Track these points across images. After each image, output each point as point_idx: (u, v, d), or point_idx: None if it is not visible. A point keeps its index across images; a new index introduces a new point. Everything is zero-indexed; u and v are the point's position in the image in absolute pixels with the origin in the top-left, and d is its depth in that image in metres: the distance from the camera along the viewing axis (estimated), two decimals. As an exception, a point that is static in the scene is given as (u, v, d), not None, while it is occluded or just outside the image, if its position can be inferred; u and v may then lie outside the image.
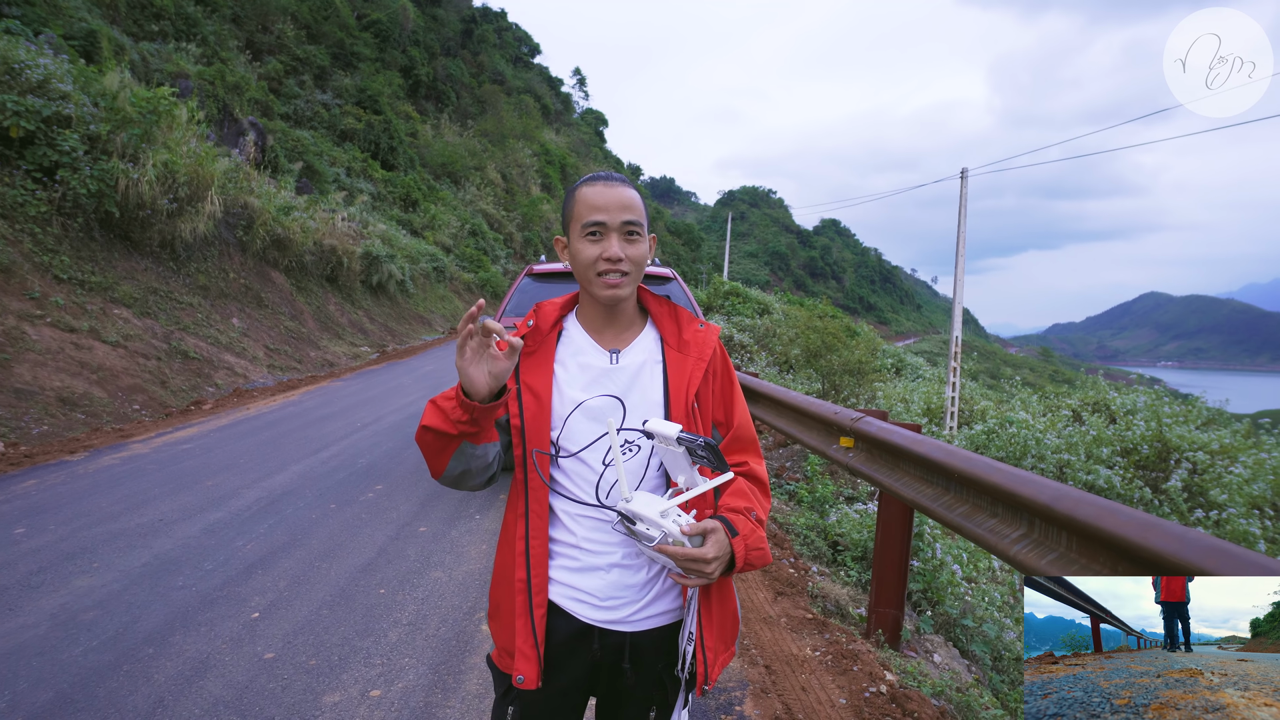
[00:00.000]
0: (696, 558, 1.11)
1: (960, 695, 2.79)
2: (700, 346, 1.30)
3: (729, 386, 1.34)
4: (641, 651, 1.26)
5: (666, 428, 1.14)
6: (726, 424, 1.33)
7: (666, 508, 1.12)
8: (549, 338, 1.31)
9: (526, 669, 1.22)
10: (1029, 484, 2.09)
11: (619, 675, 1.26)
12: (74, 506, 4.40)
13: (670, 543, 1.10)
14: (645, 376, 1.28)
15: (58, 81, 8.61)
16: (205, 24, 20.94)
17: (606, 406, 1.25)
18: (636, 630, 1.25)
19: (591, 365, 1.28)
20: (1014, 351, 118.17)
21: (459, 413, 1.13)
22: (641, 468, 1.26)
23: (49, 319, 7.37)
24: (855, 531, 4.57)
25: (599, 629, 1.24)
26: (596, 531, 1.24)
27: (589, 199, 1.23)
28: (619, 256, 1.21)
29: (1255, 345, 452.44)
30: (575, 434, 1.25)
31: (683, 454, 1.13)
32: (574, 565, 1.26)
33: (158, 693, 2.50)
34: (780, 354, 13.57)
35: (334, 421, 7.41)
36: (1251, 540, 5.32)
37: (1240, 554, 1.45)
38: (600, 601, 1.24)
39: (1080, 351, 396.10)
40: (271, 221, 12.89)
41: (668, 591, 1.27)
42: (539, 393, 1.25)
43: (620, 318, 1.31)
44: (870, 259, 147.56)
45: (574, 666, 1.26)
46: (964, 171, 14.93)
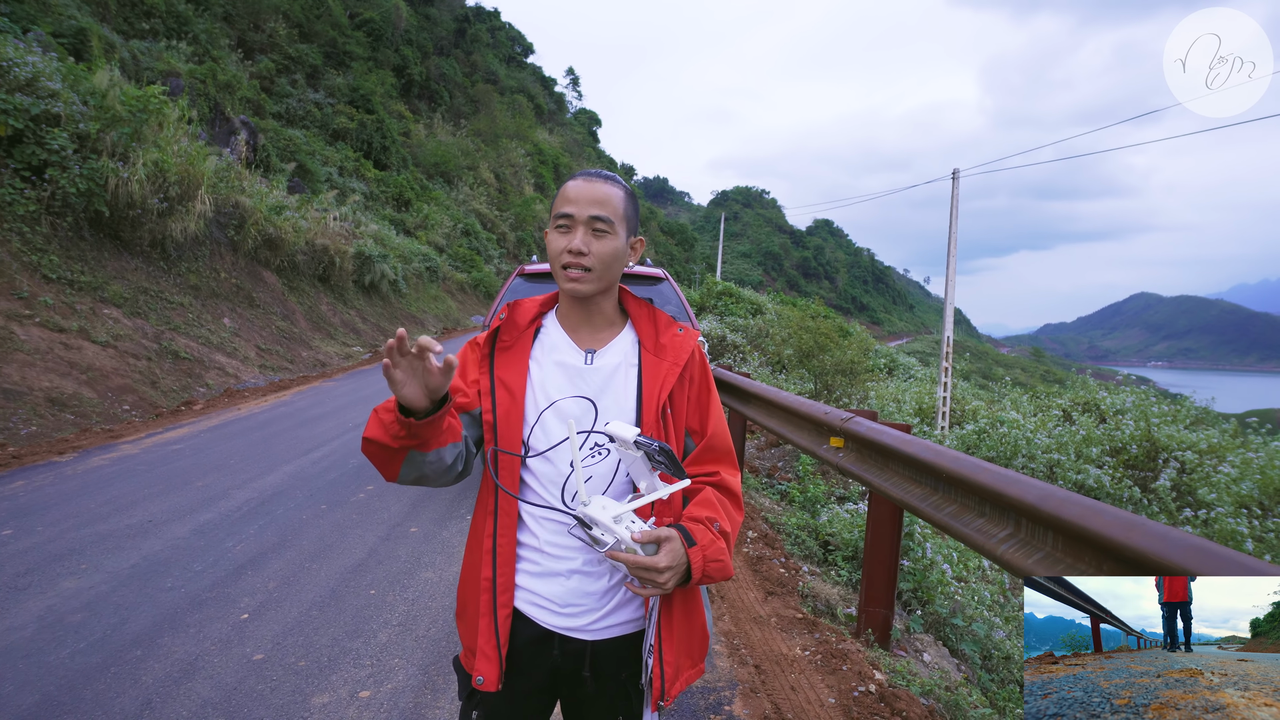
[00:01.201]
0: (648, 566, 1.07)
1: (949, 694, 2.81)
2: (677, 351, 1.27)
3: (705, 394, 1.31)
4: (602, 660, 1.23)
5: (625, 430, 1.11)
6: (700, 432, 1.30)
7: (621, 513, 1.09)
8: (525, 334, 1.28)
9: (487, 670, 1.19)
10: (1015, 484, 2.10)
11: (580, 683, 1.24)
12: (62, 508, 4.37)
13: (623, 549, 1.07)
14: (619, 379, 1.25)
15: (46, 79, 8.54)
16: (196, 22, 20.81)
17: (578, 408, 1.22)
18: (597, 639, 1.22)
19: (566, 364, 1.26)
20: (1006, 351, 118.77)
21: (396, 428, 1.08)
22: (610, 472, 1.23)
23: (38, 319, 7.32)
24: (846, 531, 4.59)
25: (559, 635, 1.22)
26: (559, 535, 1.22)
27: (566, 191, 1.22)
28: (580, 250, 1.18)
29: (1244, 345, 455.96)
30: (545, 434, 1.22)
31: (642, 458, 1.10)
32: (535, 570, 1.23)
33: (145, 695, 2.49)
34: (773, 354, 13.61)
35: (325, 422, 7.39)
36: (1239, 539, 5.36)
37: (1222, 553, 1.46)
38: (559, 608, 1.22)
39: (1071, 351, 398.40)
40: (263, 221, 12.83)
41: (630, 601, 1.24)
42: (513, 390, 1.23)
43: (597, 317, 1.29)
44: (863, 259, 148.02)
45: (535, 671, 1.24)
46: (955, 172, 15.00)
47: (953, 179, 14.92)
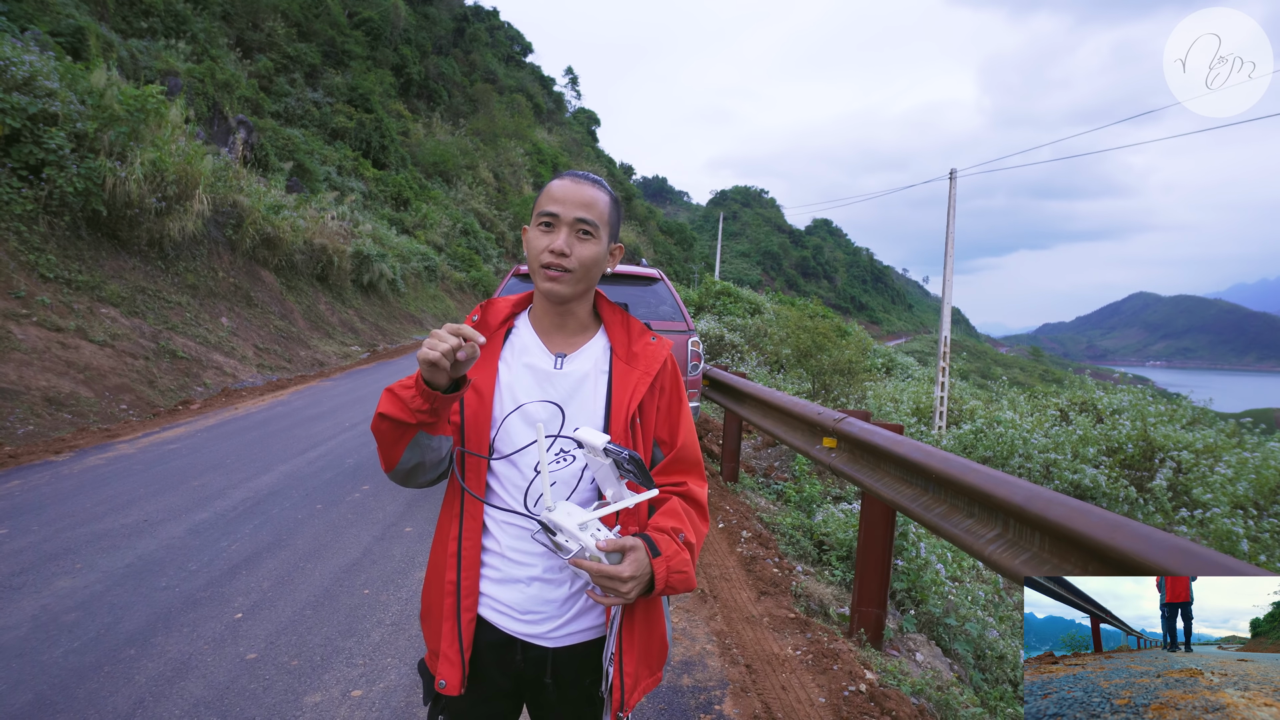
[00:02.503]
0: (612, 575, 1.06)
1: (939, 693, 2.82)
2: (649, 360, 1.26)
3: (676, 404, 1.30)
4: (563, 668, 1.23)
5: (595, 437, 1.10)
6: (670, 443, 1.28)
7: (587, 520, 1.09)
8: (496, 335, 1.28)
9: (450, 674, 1.19)
10: (1004, 485, 2.11)
11: (543, 689, 1.24)
12: (58, 507, 4.37)
13: (587, 557, 1.07)
14: (588, 386, 1.24)
15: (44, 79, 8.54)
16: (195, 21, 20.78)
17: (545, 412, 1.21)
18: (558, 646, 1.22)
19: (535, 367, 1.25)
20: (1004, 351, 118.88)
21: (419, 401, 1.09)
22: (575, 478, 1.22)
23: (35, 318, 7.32)
24: (841, 531, 4.60)
25: (521, 641, 1.22)
26: (520, 541, 1.21)
27: (552, 190, 1.21)
28: (563, 250, 1.17)
29: (1242, 345, 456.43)
30: (510, 437, 1.21)
31: (610, 466, 1.09)
32: (496, 575, 1.23)
33: (138, 694, 2.50)
34: (771, 354, 13.62)
35: (322, 421, 7.39)
36: (1235, 539, 5.37)
37: (1203, 554, 1.47)
38: (520, 615, 1.21)
39: (1070, 351, 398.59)
40: (261, 220, 12.83)
41: (591, 608, 1.24)
42: (482, 391, 1.22)
43: (571, 321, 1.28)
44: (862, 259, 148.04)
45: (498, 676, 1.24)
46: (953, 172, 15.01)
47: (950, 179, 14.93)
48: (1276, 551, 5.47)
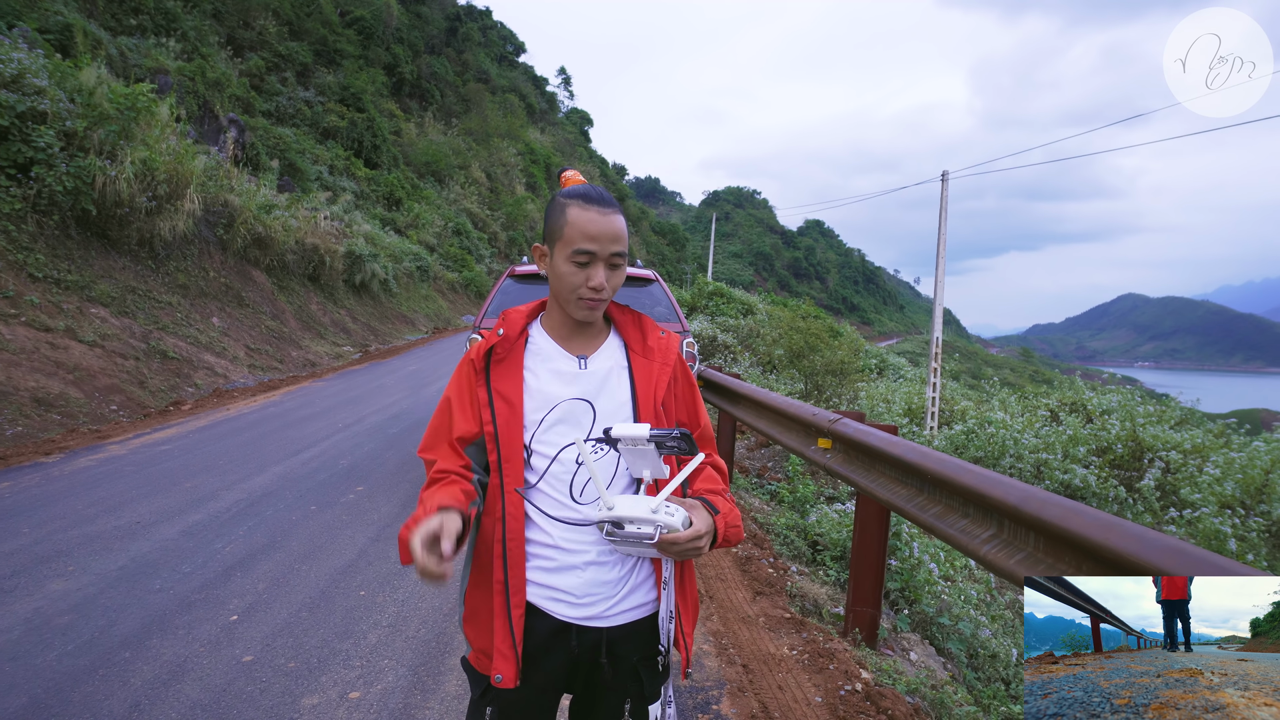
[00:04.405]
0: (694, 535, 1.16)
1: (934, 692, 2.84)
2: (664, 353, 1.37)
3: (690, 390, 1.42)
4: (617, 646, 1.30)
5: (635, 429, 1.19)
6: (693, 424, 1.41)
7: (658, 505, 1.16)
8: (517, 345, 1.35)
9: (505, 668, 1.24)
10: (998, 485, 2.13)
11: (596, 670, 1.30)
12: (49, 509, 4.34)
13: (666, 533, 1.15)
14: (613, 380, 1.33)
15: (32, 76, 8.46)
16: (185, 19, 20.65)
17: (577, 409, 1.30)
18: (613, 625, 1.29)
19: (561, 371, 1.32)
20: (995, 352, 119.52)
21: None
22: (612, 466, 1.31)
23: (23, 318, 7.26)
24: (835, 531, 4.62)
25: (576, 626, 1.27)
26: (572, 531, 1.28)
27: (582, 225, 1.24)
28: (603, 286, 1.26)
29: (1229, 346, 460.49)
30: (548, 438, 1.29)
31: (653, 450, 1.19)
32: (550, 565, 1.28)
33: (134, 697, 2.49)
34: (764, 354, 13.65)
35: (315, 422, 7.36)
36: (1223, 538, 5.43)
37: (1197, 554, 1.49)
38: (577, 599, 1.27)
39: (1060, 352, 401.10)
40: (252, 220, 12.75)
41: (641, 585, 1.32)
42: (511, 399, 1.29)
43: (588, 327, 1.37)
44: (854, 260, 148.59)
45: (552, 664, 1.29)
46: (944, 174, 15.09)
47: (941, 181, 15.02)
48: (1264, 550, 5.53)
